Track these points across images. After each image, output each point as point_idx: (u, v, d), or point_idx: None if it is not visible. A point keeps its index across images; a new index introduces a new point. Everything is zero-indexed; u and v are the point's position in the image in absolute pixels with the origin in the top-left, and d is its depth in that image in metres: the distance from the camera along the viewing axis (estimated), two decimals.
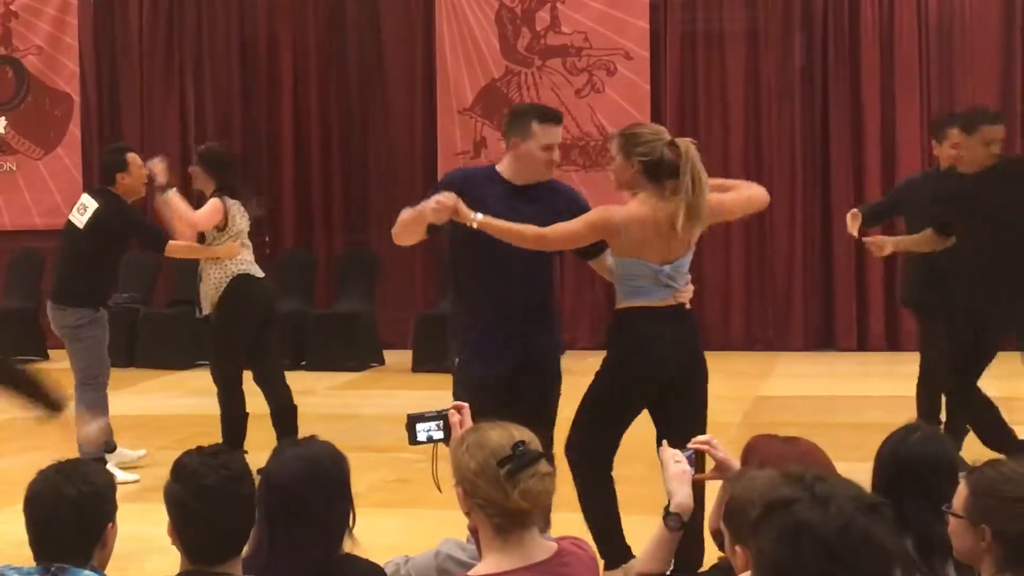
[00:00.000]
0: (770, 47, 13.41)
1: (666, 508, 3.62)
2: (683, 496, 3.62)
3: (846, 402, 10.35)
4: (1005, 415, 7.23)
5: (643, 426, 5.41)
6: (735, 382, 10.47)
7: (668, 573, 3.64)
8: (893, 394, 10.45)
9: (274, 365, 8.49)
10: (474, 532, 3.39)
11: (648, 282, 5.28)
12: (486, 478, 3.21)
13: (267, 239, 14.20)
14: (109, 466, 7.93)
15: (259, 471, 3.37)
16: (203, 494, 3.14)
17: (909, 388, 10.50)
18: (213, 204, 8.14)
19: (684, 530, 3.62)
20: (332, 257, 14.03)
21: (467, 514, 3.31)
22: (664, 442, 3.79)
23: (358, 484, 3.53)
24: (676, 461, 3.66)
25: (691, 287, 5.36)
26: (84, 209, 8.28)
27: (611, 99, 13.57)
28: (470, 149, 13.88)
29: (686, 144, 5.27)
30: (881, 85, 13.19)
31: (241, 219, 8.20)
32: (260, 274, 8.34)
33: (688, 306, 5.37)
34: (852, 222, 7.71)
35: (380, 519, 6.42)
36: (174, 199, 8.18)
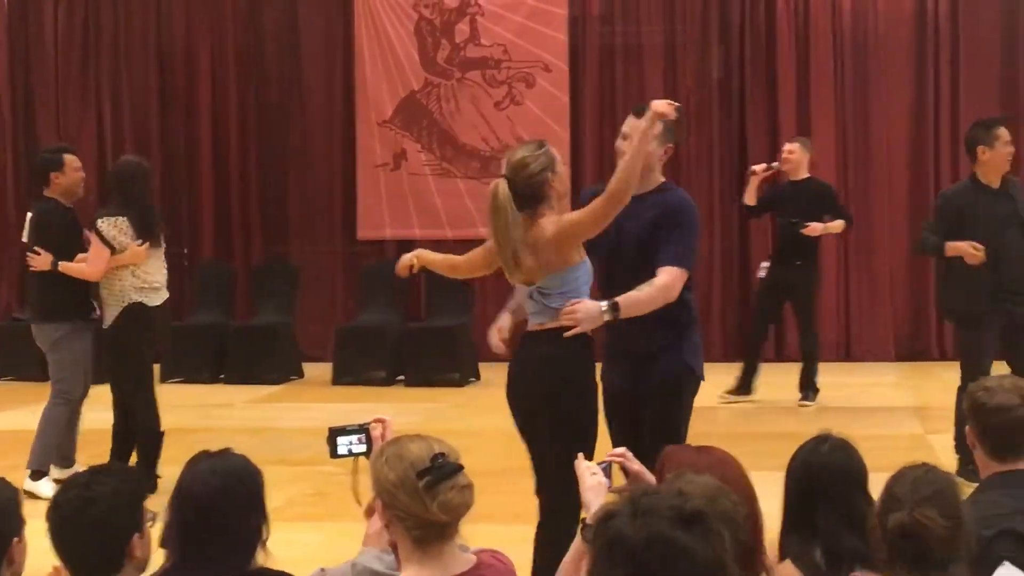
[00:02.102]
0: (688, 60, 13.51)
1: (583, 520, 3.63)
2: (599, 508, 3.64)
3: (763, 412, 10.44)
4: None
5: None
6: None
7: None
8: (807, 404, 10.59)
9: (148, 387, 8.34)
10: (393, 546, 3.39)
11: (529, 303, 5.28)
12: (405, 490, 3.20)
13: (185, 251, 14.10)
14: (47, 481, 7.84)
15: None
16: (54, 513, 3.25)
17: (823, 398, 10.65)
18: (93, 246, 7.94)
19: None
20: (251, 269, 13.94)
21: (386, 526, 3.30)
22: (580, 455, 3.79)
23: (277, 498, 3.52)
24: (592, 474, 3.67)
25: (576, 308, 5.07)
26: (26, 221, 8.21)
27: (530, 111, 13.61)
28: (390, 161, 13.85)
29: (494, 185, 5.19)
30: (797, 97, 13.33)
31: (123, 235, 7.99)
32: (156, 300, 8.12)
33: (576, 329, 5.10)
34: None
35: (299, 533, 6.39)
36: (65, 268, 8.06)
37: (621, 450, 3.82)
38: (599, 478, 3.65)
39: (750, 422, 9.97)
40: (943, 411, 9.08)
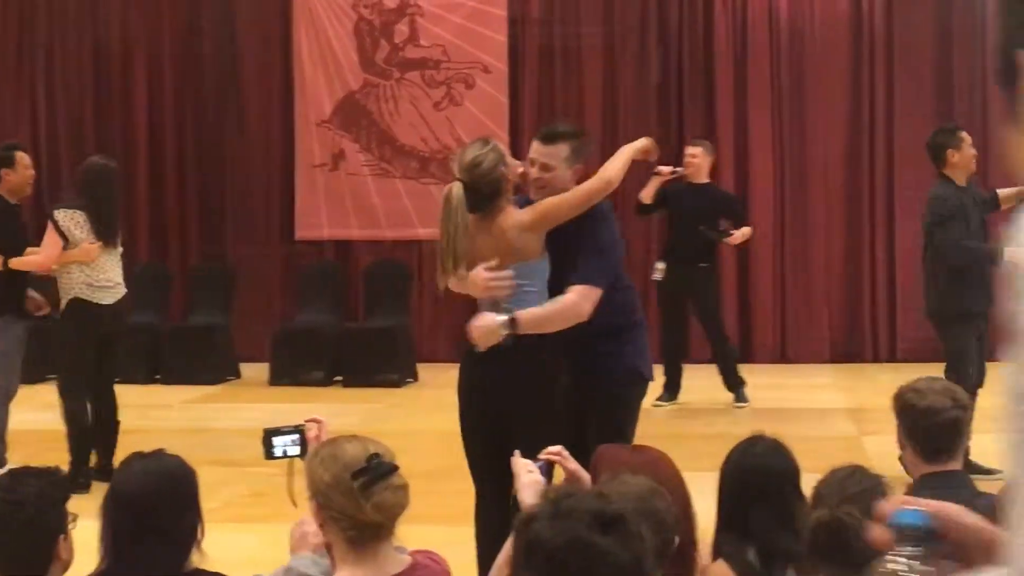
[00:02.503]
0: (626, 62, 13.57)
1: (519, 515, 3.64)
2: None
3: (698, 413, 10.50)
4: None
5: None
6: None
7: None
8: (742, 404, 10.67)
9: (105, 382, 8.31)
10: (327, 547, 3.38)
11: None
12: (340, 490, 3.20)
13: (120, 251, 13.99)
14: None
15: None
16: None
17: (758, 399, 10.74)
18: (47, 235, 8.04)
19: None
20: (187, 269, 13.85)
21: (321, 527, 3.30)
22: (517, 452, 3.81)
23: (213, 499, 3.51)
24: (528, 471, 3.69)
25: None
26: None
27: (470, 112, 13.61)
28: (328, 161, 13.81)
29: (447, 189, 5.24)
30: (735, 100, 13.42)
31: (77, 229, 8.02)
32: (106, 299, 8.12)
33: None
34: None
35: (236, 534, 6.35)
36: (17, 264, 8.05)
37: (557, 448, 3.82)
38: (535, 476, 3.67)
39: (685, 423, 10.02)
40: (877, 413, 9.18)
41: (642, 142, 5.50)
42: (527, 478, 3.66)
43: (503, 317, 5.05)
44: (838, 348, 13.28)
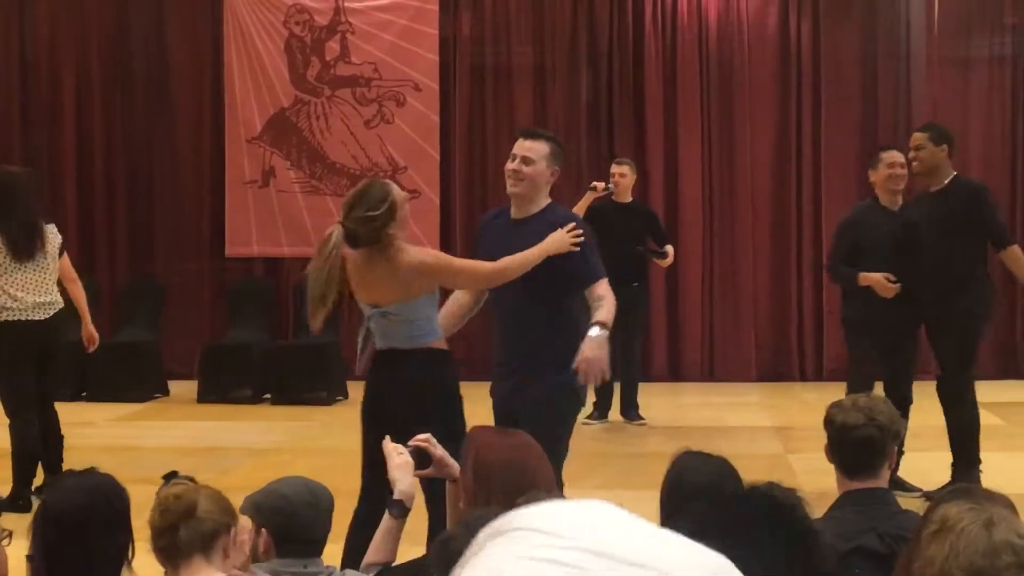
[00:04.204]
0: (557, 82, 13.64)
1: (390, 497, 3.74)
2: (405, 485, 3.80)
3: (628, 431, 10.52)
4: None
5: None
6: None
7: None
8: (673, 424, 10.74)
9: (42, 399, 8.20)
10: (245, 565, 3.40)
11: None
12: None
13: None
14: None
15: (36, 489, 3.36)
16: None
17: (686, 418, 10.80)
18: None
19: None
20: (116, 285, 13.74)
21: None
22: (387, 437, 3.95)
23: (140, 518, 3.49)
24: (399, 453, 3.81)
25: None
26: None
27: (401, 130, 13.62)
28: (259, 178, 13.77)
29: (329, 232, 5.37)
30: (664, 120, 13.53)
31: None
32: (32, 315, 8.00)
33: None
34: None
35: None
36: None
37: (425, 436, 3.96)
38: (405, 458, 3.82)
39: (615, 442, 10.06)
40: (803, 431, 9.30)
41: (556, 244, 5.58)
42: (398, 459, 3.81)
43: (596, 329, 5.38)
44: (765, 367, 13.40)
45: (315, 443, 10.04)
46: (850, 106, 13.42)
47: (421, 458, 3.92)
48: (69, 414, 11.40)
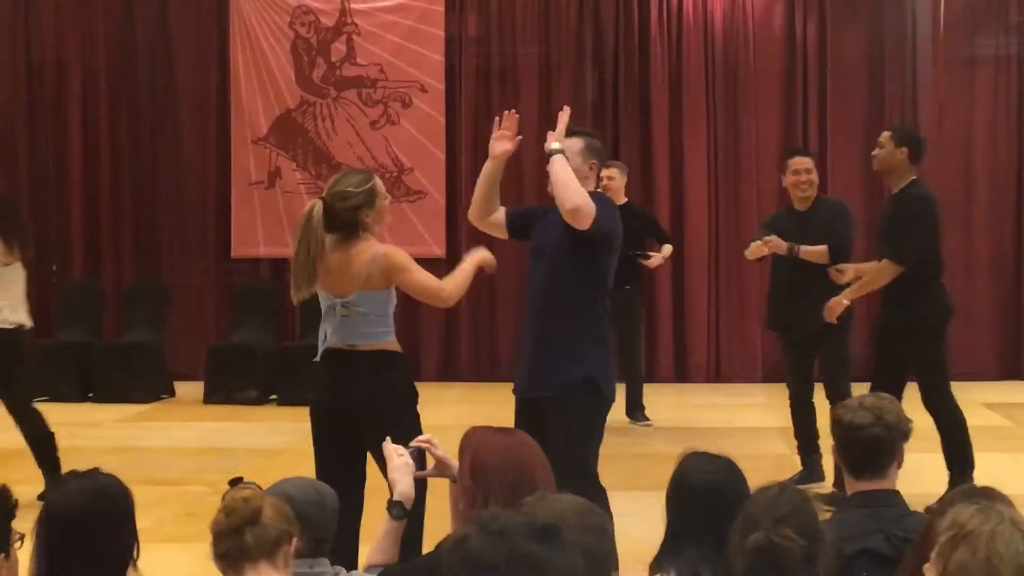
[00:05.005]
0: (562, 82, 13.63)
1: (390, 499, 3.75)
2: (405, 486, 3.81)
3: (633, 432, 10.52)
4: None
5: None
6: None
7: None
8: (679, 425, 10.74)
9: (20, 398, 8.18)
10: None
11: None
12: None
13: (54, 267, 13.88)
14: None
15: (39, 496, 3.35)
16: None
17: (692, 419, 10.80)
18: None
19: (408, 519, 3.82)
20: (121, 287, 13.75)
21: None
22: (388, 439, 3.97)
23: (146, 518, 3.50)
24: (399, 455, 3.83)
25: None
26: None
27: (406, 131, 13.63)
28: (264, 179, 13.78)
29: (310, 205, 5.43)
30: (670, 120, 13.52)
31: None
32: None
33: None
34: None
35: (168, 553, 6.32)
36: None
37: (427, 437, 4.00)
38: (405, 459, 3.84)
39: (621, 443, 10.05)
40: None
41: (482, 255, 5.60)
42: (398, 460, 3.82)
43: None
44: (771, 367, 13.36)
45: None
46: (856, 106, 13.40)
47: (421, 459, 3.93)
48: (75, 415, 11.47)
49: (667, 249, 10.65)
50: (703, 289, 13.45)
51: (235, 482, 3.54)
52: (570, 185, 5.44)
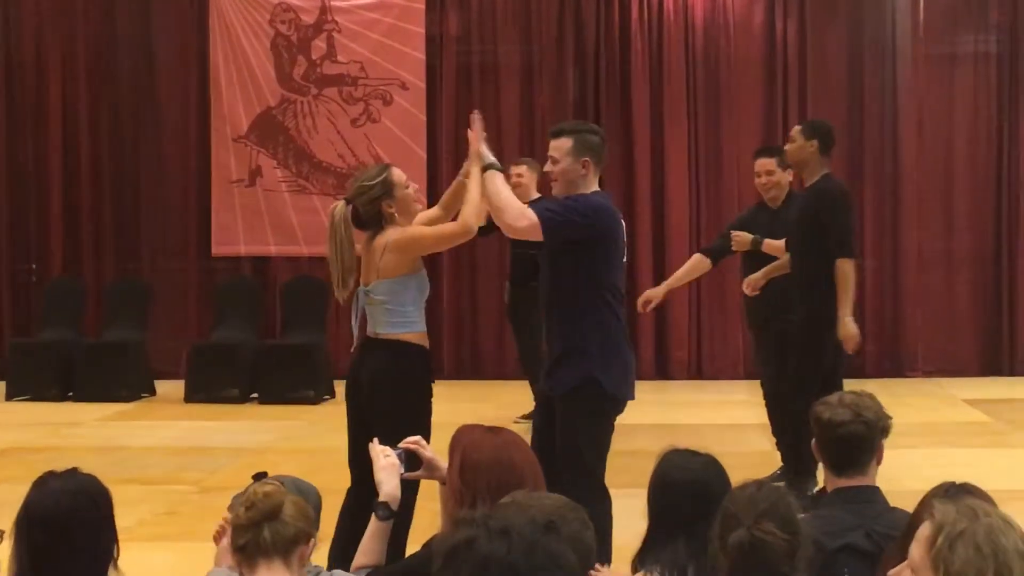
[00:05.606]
0: (544, 80, 13.64)
1: (375, 500, 3.75)
2: (391, 487, 3.79)
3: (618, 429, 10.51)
4: None
5: None
6: (504, 411, 10.58)
7: None
8: (660, 422, 10.75)
9: None
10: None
11: None
12: None
13: (34, 266, 13.84)
14: None
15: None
16: None
17: (672, 415, 10.81)
18: None
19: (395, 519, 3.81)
20: (102, 285, 13.70)
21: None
22: (375, 439, 3.99)
23: (127, 517, 3.49)
24: (385, 456, 3.84)
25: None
26: None
27: (387, 129, 13.61)
28: (245, 177, 13.74)
29: (333, 206, 5.58)
30: (651, 118, 13.53)
31: None
32: None
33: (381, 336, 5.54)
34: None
35: (149, 552, 6.31)
36: None
37: (416, 438, 4.00)
38: (391, 459, 3.84)
39: None
40: None
41: (476, 165, 5.61)
42: (384, 461, 3.82)
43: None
44: (752, 364, 13.39)
45: (302, 443, 10.03)
46: (836, 103, 13.42)
47: (411, 460, 3.91)
48: (56, 414, 11.45)
49: None
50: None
51: (259, 476, 3.54)
52: (503, 206, 5.40)
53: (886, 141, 13.46)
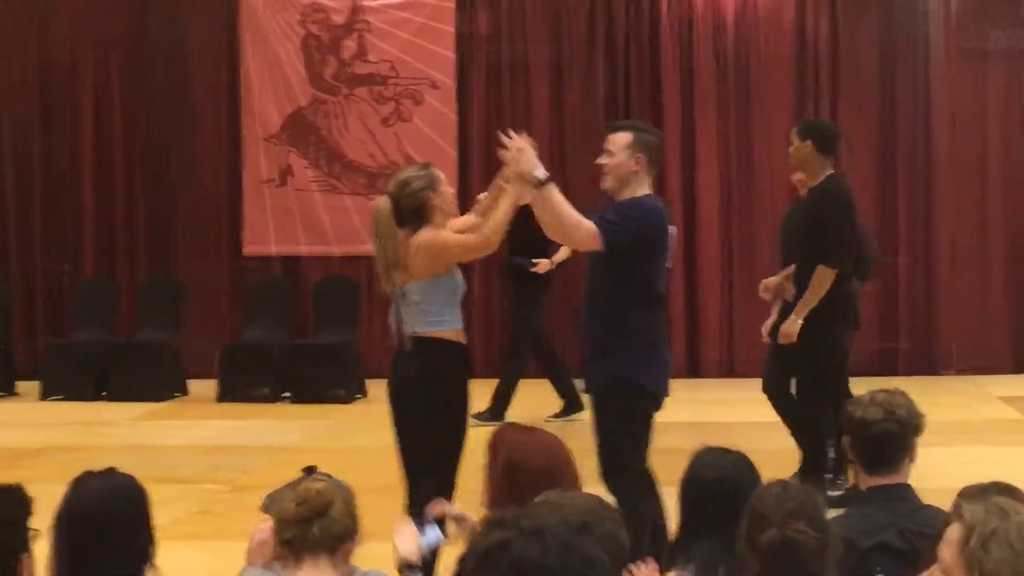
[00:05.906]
0: (574, 77, 13.62)
1: (398, 563, 3.71)
2: (405, 550, 3.73)
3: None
4: None
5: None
6: (531, 410, 10.59)
7: None
8: (692, 421, 10.72)
9: None
10: (279, 558, 3.41)
11: None
12: None
13: (67, 266, 13.90)
14: None
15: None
16: None
17: (704, 413, 10.78)
18: None
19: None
20: (135, 285, 13.75)
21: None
22: (396, 532, 3.90)
23: (160, 516, 3.50)
24: (408, 530, 3.82)
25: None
26: None
27: (418, 128, 13.62)
28: (276, 177, 13.78)
29: (376, 201, 5.70)
30: (682, 113, 13.49)
31: None
32: None
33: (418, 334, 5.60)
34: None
35: (183, 551, 6.33)
36: None
37: (440, 500, 4.10)
38: (411, 528, 3.81)
39: None
40: None
41: (512, 192, 5.64)
42: (403, 527, 3.79)
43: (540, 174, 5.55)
44: None
45: (334, 442, 10.05)
46: (868, 98, 13.36)
47: (441, 524, 3.91)
48: (90, 414, 11.51)
49: (563, 252, 10.37)
50: (716, 284, 13.43)
51: (309, 471, 3.55)
52: (563, 223, 5.50)
53: (918, 137, 13.39)
